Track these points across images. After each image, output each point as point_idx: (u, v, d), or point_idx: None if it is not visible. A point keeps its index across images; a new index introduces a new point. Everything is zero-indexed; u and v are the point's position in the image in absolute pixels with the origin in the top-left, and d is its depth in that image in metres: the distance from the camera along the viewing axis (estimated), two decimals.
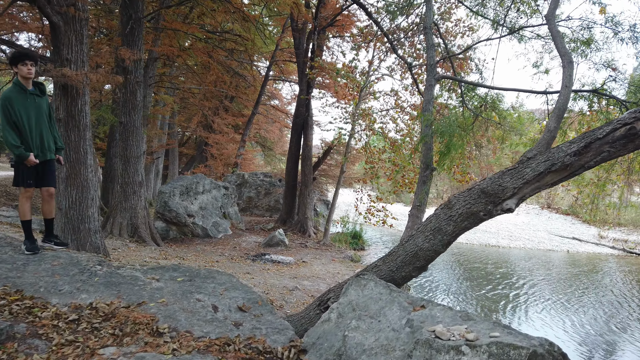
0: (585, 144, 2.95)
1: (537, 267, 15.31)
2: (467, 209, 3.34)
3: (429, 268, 12.38)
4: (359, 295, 3.47)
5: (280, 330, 3.66)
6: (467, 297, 11.26)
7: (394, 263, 3.71)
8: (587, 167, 3.01)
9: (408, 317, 2.99)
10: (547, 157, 3.10)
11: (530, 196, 3.23)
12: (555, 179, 3.11)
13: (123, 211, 12.29)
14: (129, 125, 12.15)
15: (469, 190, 3.42)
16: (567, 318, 9.83)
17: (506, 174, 3.25)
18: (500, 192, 3.21)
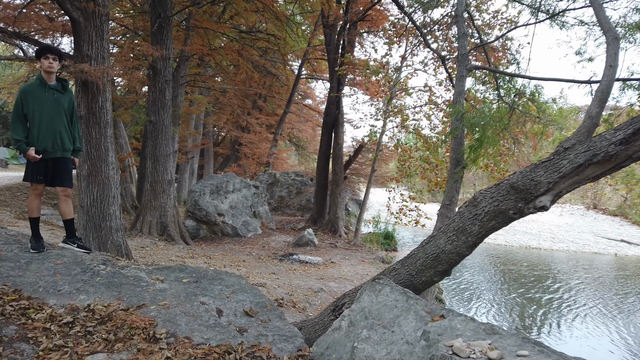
0: (634, 130, 2.51)
1: (580, 270, 14.41)
2: (495, 207, 2.95)
3: (461, 271, 11.82)
4: (373, 302, 3.15)
5: (288, 338, 3.38)
6: (501, 301, 10.65)
7: (414, 266, 3.35)
8: (636, 158, 2.57)
9: (424, 329, 2.64)
10: (587, 146, 2.68)
11: (568, 192, 2.81)
12: (597, 172, 2.68)
13: (152, 210, 12.35)
14: (158, 123, 12.19)
15: (497, 185, 3.03)
16: (612, 328, 9.10)
17: (539, 167, 2.84)
18: (532, 188, 2.81)
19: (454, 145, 6.20)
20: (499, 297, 10.99)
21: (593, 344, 8.12)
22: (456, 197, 5.97)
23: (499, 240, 19.82)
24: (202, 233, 14.96)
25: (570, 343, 8.07)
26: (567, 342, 8.12)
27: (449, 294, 11.06)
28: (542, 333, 8.49)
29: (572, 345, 7.96)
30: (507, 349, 2.24)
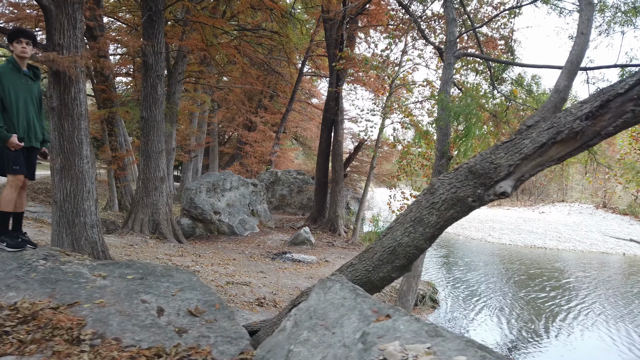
0: (601, 102, 2.17)
1: (585, 270, 13.93)
2: (453, 194, 2.63)
3: (463, 269, 11.43)
4: (320, 301, 2.85)
5: (233, 340, 3.09)
6: (500, 301, 10.24)
7: (370, 261, 3.04)
8: (605, 135, 2.23)
9: (364, 330, 2.33)
10: (551, 123, 2.34)
11: (531, 176, 2.48)
12: (562, 153, 2.35)
13: (144, 207, 12.15)
14: (150, 119, 12.00)
15: (456, 170, 2.71)
16: (611, 330, 8.66)
17: (500, 148, 2.51)
18: (492, 172, 2.48)
19: (439, 136, 5.87)
20: (499, 296, 10.60)
21: (591, 345, 7.72)
22: None
23: (503, 239, 19.36)
24: (197, 231, 14.75)
25: (565, 345, 7.69)
26: (562, 344, 7.74)
27: (447, 293, 10.69)
28: (539, 334, 8.11)
29: (569, 348, 7.58)
30: (445, 353, 1.93)
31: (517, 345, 7.56)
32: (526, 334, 8.14)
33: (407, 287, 5.51)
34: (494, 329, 8.35)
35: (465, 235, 20.85)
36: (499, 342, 7.63)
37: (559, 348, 7.55)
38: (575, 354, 7.36)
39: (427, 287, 9.96)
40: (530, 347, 7.55)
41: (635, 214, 24.02)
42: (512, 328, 8.44)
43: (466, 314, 9.12)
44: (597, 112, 2.20)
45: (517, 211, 28.79)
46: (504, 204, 32.62)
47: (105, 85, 16.84)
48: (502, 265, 14.46)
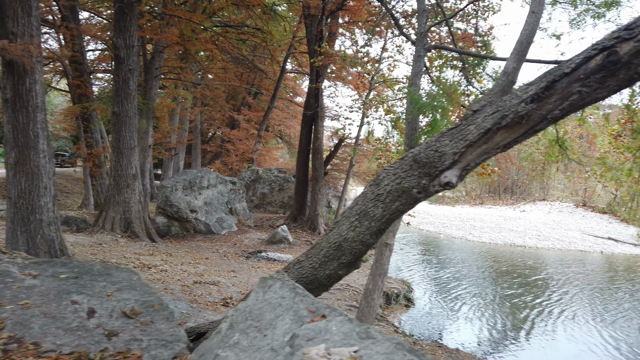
0: (547, 83, 2.01)
1: (562, 268, 13.95)
2: (398, 185, 2.45)
3: (441, 268, 11.31)
4: (258, 300, 2.64)
5: (168, 343, 2.87)
6: (477, 299, 10.15)
7: (317, 258, 2.85)
8: (552, 119, 2.06)
9: (295, 332, 2.14)
10: (495, 107, 2.17)
11: (477, 165, 2.31)
12: (508, 139, 2.18)
13: (116, 205, 11.83)
14: (122, 115, 11.67)
15: (401, 159, 2.53)
16: (583, 328, 8.62)
17: (445, 135, 2.33)
18: (437, 161, 2.31)
19: (407, 131, 5.71)
20: (475, 295, 10.50)
21: (564, 343, 7.65)
22: None
23: (484, 238, 19.36)
24: (173, 230, 14.43)
25: (537, 343, 7.60)
26: (535, 341, 7.65)
27: (422, 291, 10.56)
28: (512, 332, 8.01)
29: (544, 346, 7.49)
30: (372, 357, 1.75)
31: (489, 344, 7.45)
32: (499, 333, 8.04)
33: (372, 286, 5.34)
34: (467, 327, 8.24)
35: (447, 233, 20.82)
36: (470, 341, 7.51)
37: (532, 346, 7.45)
38: (548, 351, 7.27)
39: (402, 285, 9.83)
40: (501, 346, 7.45)
41: (614, 213, 24.26)
42: (486, 326, 8.34)
43: (440, 313, 9.00)
44: (542, 94, 2.03)
45: (499, 210, 28.92)
46: (486, 203, 32.77)
47: (80, 80, 16.41)
48: (480, 263, 14.41)
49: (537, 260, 15.13)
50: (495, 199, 34.17)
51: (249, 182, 22.58)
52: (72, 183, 26.75)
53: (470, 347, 7.18)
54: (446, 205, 33.07)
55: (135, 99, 11.89)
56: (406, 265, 13.71)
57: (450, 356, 5.66)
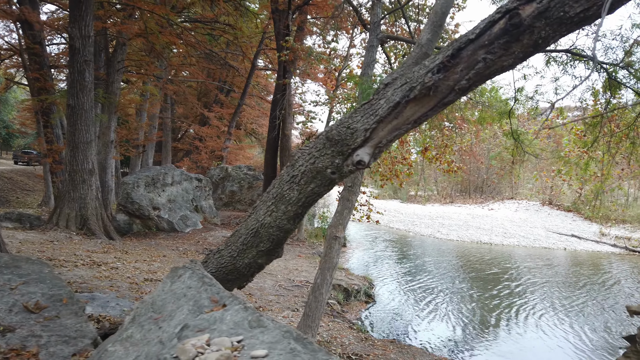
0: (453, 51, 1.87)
1: (525, 265, 14.12)
2: (312, 166, 2.29)
3: (406, 264, 11.22)
4: (163, 291, 2.45)
5: (71, 339, 2.65)
6: (438, 295, 10.13)
7: (235, 246, 2.67)
8: (461, 91, 1.94)
9: (187, 323, 1.95)
10: (405, 79, 2.04)
11: (390, 143, 2.17)
12: (418, 113, 2.04)
13: (71, 201, 11.39)
14: (77, 108, 11.25)
15: (316, 138, 2.38)
16: (549, 321, 8.68)
17: (358, 111, 2.19)
18: (349, 138, 2.16)
19: None
20: (438, 291, 10.48)
21: (522, 337, 7.65)
22: (359, 178, 5.33)
23: (451, 235, 19.49)
24: (135, 228, 14.02)
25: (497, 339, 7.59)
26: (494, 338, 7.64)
27: (384, 288, 10.48)
28: (472, 328, 7.99)
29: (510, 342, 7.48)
30: (255, 346, 1.59)
31: (447, 339, 7.40)
32: (459, 328, 8.00)
33: (321, 280, 5.18)
34: (426, 323, 8.18)
35: (416, 231, 20.90)
36: (428, 336, 7.44)
37: (489, 339, 7.43)
38: (507, 345, 7.26)
39: (364, 281, 9.73)
40: (460, 341, 7.40)
41: (578, 211, 24.80)
42: (446, 322, 8.30)
43: (400, 309, 8.92)
44: (449, 63, 1.90)
45: (468, 208, 29.25)
46: (456, 201, 33.12)
47: (39, 73, 15.80)
48: (445, 260, 14.46)
49: (502, 257, 15.28)
50: (465, 197, 34.59)
51: (217, 179, 22.21)
52: (34, 180, 25.87)
53: (425, 342, 7.11)
54: (417, 204, 33.29)
55: (91, 91, 11.48)
56: (372, 262, 13.65)
57: (401, 351, 5.56)
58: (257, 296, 7.44)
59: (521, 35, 1.75)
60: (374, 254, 15.06)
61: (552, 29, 1.69)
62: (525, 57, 1.83)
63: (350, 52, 15.13)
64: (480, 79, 1.89)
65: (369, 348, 5.48)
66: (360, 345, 5.57)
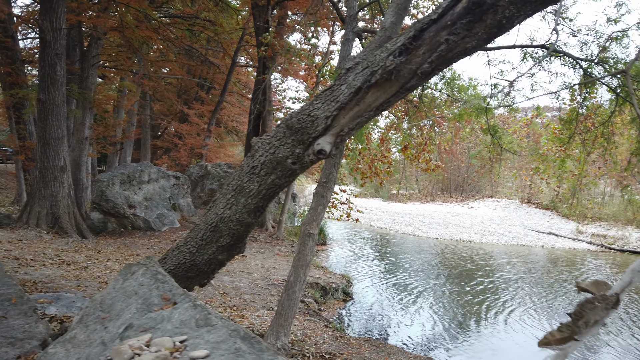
0: (415, 32, 1.78)
1: (503, 262, 14.23)
2: (272, 155, 2.18)
3: (389, 261, 11.17)
4: (114, 289, 2.30)
5: (17, 341, 2.47)
6: (416, 293, 10.11)
7: (195, 242, 2.53)
8: (424, 75, 1.84)
9: (132, 322, 1.82)
10: (366, 63, 1.93)
11: (352, 131, 2.07)
12: (380, 99, 1.94)
13: (42, 199, 11.05)
14: (48, 102, 10.92)
15: (277, 127, 2.27)
16: (525, 316, 8.72)
17: (319, 98, 2.08)
18: (309, 126, 2.05)
19: None
20: (416, 289, 10.46)
21: (501, 336, 7.66)
22: (334, 174, 5.22)
23: (431, 233, 19.57)
24: (110, 226, 13.68)
25: (473, 337, 7.58)
26: (471, 336, 7.63)
27: (363, 286, 10.41)
28: (448, 326, 7.97)
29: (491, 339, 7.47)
30: (198, 346, 1.48)
31: (424, 336, 7.36)
32: (436, 325, 7.97)
33: (294, 277, 5.07)
34: (403, 321, 8.13)
35: (396, 229, 20.93)
36: (404, 334, 7.39)
37: (464, 339, 7.42)
38: (480, 343, 7.25)
39: (342, 280, 9.65)
40: (437, 338, 7.37)
41: (556, 209, 25.16)
42: (424, 320, 8.27)
43: (377, 307, 8.86)
44: (411, 45, 1.81)
45: (448, 206, 29.47)
46: (437, 200, 33.35)
47: (11, 68, 15.33)
48: (424, 258, 14.48)
49: (480, 255, 15.38)
50: (446, 196, 34.85)
51: (197, 177, 21.89)
52: (7, 178, 25.16)
53: (402, 340, 7.06)
54: (398, 202, 33.42)
55: (63, 85, 11.15)
56: (351, 260, 13.58)
57: (376, 350, 5.48)
58: (232, 295, 7.29)
59: (484, 14, 1.66)
60: (354, 252, 15.00)
61: (516, 8, 1.61)
62: (489, 38, 1.74)
63: (330, 48, 15.02)
64: (443, 62, 1.79)
65: (344, 347, 5.39)
66: (334, 344, 5.47)
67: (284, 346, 4.87)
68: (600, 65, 5.94)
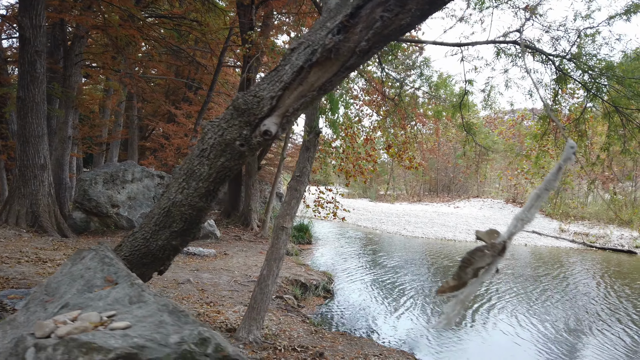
0: (352, 10, 1.80)
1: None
2: (220, 138, 2.18)
3: (373, 260, 11.18)
4: (62, 273, 2.29)
5: None
6: (400, 291, 10.15)
7: (149, 227, 2.53)
8: (362, 53, 1.86)
9: (68, 302, 1.81)
10: (307, 42, 1.95)
11: (298, 112, 2.08)
12: (322, 79, 1.96)
13: (21, 198, 10.94)
14: (28, 100, 10.81)
15: (227, 109, 2.28)
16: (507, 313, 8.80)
17: (265, 79, 2.10)
18: (255, 107, 2.06)
19: (308, 110, 5.48)
20: (399, 287, 10.50)
21: (481, 331, 7.72)
22: (308, 168, 5.24)
23: (417, 232, 19.68)
24: (92, 226, 13.56)
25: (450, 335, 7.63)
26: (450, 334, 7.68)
27: (344, 283, 10.43)
28: (425, 320, 8.01)
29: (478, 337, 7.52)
30: (125, 319, 1.49)
31: (403, 333, 7.39)
32: (416, 321, 8.01)
33: (267, 271, 5.07)
34: (382, 317, 8.16)
35: (382, 229, 21.01)
36: (383, 330, 7.42)
37: (445, 336, 7.46)
38: (465, 341, 7.30)
39: (323, 277, 9.67)
40: (416, 334, 7.41)
41: (539, 208, 25.40)
42: (404, 317, 8.30)
43: (357, 304, 8.88)
44: (348, 23, 1.83)
45: (435, 206, 29.66)
46: (424, 200, 33.53)
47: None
48: (408, 257, 14.56)
49: (463, 253, 15.47)
50: (433, 196, 35.06)
51: None
52: None
53: (380, 335, 7.08)
54: (386, 203, 33.55)
55: (43, 83, 11.05)
56: (335, 259, 13.61)
57: (350, 343, 5.50)
58: (211, 292, 7.27)
59: None
60: (338, 251, 15.03)
61: None
62: (423, 15, 1.77)
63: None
64: (379, 39, 1.82)
65: (318, 340, 5.40)
66: (309, 337, 5.48)
67: (255, 339, 4.87)
68: (572, 62, 6.02)
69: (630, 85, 5.40)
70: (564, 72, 6.02)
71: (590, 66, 5.74)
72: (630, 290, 10.99)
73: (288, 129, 2.23)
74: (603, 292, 10.74)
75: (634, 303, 9.85)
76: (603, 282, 11.89)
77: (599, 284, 11.66)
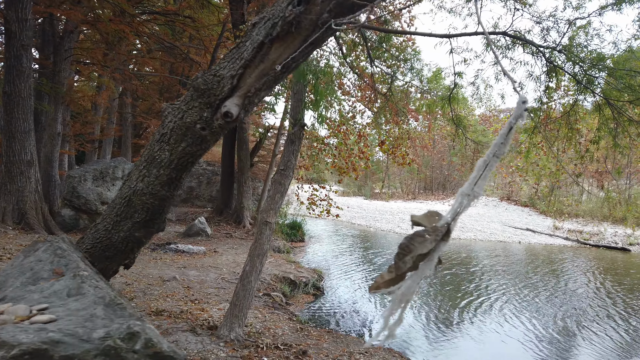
0: None
1: (478, 257, 14.27)
2: (180, 121, 2.05)
3: (365, 258, 11.08)
4: (13, 266, 2.15)
5: None
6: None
7: (110, 218, 2.39)
8: (323, 26, 1.75)
9: (5, 295, 1.67)
10: (268, 16, 1.82)
11: (260, 92, 1.95)
12: (284, 55, 1.83)
13: (7, 194, 10.77)
14: (14, 95, 10.65)
15: (187, 90, 2.15)
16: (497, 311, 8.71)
17: (225, 57, 1.97)
18: (216, 87, 1.93)
19: (292, 102, 5.37)
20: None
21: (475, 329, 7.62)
22: (293, 161, 5.12)
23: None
24: (82, 223, 13.38)
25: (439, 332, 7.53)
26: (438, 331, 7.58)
27: (335, 281, 10.31)
28: (417, 318, 7.91)
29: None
30: (58, 312, 1.34)
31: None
32: (406, 318, 7.91)
33: (250, 267, 4.94)
34: (371, 315, 8.05)
35: (376, 227, 20.92)
36: (371, 327, 7.31)
37: (430, 332, 7.36)
38: (456, 339, 7.20)
39: (313, 274, 9.56)
40: (405, 333, 7.31)
41: (534, 205, 25.40)
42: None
43: (346, 301, 8.77)
44: None
45: (429, 204, 29.59)
46: (419, 198, 33.47)
47: None
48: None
49: (456, 251, 15.41)
50: (428, 194, 35.00)
51: None
52: None
53: (368, 333, 6.98)
54: (380, 200, 33.46)
55: (30, 77, 10.88)
56: (327, 256, 13.50)
57: (336, 341, 5.38)
58: (196, 289, 7.14)
59: None
60: (331, 248, 14.92)
61: None
62: None
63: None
64: (341, 11, 1.69)
65: (303, 338, 5.28)
66: (293, 335, 5.36)
67: (237, 337, 4.75)
68: (563, 53, 5.91)
69: (621, 77, 5.30)
70: (554, 63, 5.92)
71: (581, 58, 5.64)
72: (622, 288, 10.93)
73: (250, 111, 2.13)
74: (595, 290, 10.67)
75: (625, 300, 9.79)
76: (596, 279, 11.82)
77: (592, 281, 11.60)
